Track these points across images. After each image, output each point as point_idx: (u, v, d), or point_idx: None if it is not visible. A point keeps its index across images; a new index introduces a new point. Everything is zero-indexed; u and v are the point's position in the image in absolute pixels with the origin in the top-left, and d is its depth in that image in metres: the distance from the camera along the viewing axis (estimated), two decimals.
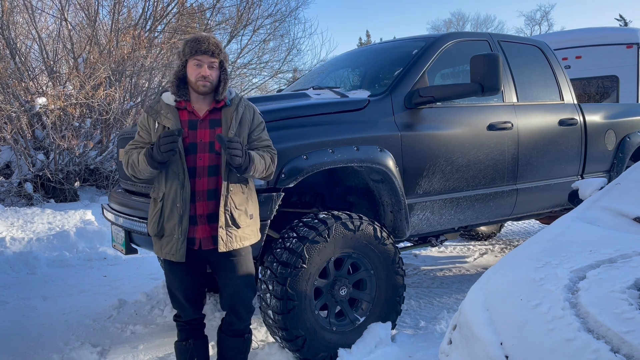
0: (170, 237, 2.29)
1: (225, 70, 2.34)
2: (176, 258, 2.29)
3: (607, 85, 7.39)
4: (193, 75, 2.27)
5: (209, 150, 2.30)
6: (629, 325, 1.30)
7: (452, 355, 1.68)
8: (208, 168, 2.30)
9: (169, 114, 2.30)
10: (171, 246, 2.29)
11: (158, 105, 2.36)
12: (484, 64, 3.15)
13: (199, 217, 2.31)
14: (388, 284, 3.08)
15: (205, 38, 2.28)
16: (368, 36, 48.04)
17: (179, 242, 2.27)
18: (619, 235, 1.95)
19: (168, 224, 2.29)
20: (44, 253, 5.45)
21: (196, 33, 2.33)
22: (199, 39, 2.27)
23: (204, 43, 2.25)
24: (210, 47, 2.26)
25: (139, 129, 2.41)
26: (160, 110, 2.33)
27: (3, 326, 3.65)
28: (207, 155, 2.30)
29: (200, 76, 2.25)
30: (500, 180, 3.76)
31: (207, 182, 2.30)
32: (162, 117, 2.31)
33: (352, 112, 3.15)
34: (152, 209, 2.37)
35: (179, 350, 2.53)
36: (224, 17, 12.97)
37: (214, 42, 2.29)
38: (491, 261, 5.43)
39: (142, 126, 2.38)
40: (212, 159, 2.30)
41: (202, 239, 2.32)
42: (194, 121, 2.32)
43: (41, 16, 9.72)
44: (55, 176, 8.08)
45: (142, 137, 2.38)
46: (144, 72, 9.60)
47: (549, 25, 41.83)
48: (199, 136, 2.30)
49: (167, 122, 2.29)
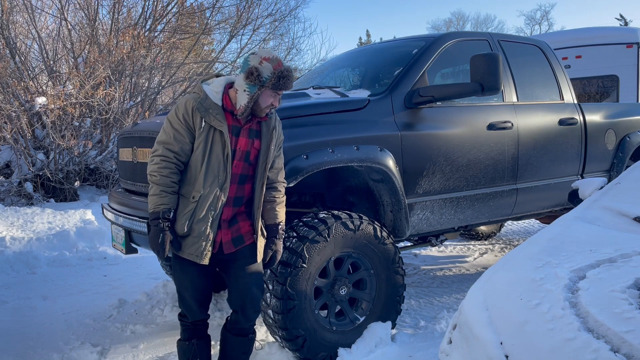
0: (196, 239, 2.26)
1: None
2: (199, 260, 2.27)
3: (607, 84, 7.39)
4: (265, 104, 2.22)
5: (244, 159, 2.30)
6: (628, 324, 1.30)
7: (452, 355, 1.68)
8: (240, 176, 2.31)
9: (219, 115, 2.22)
10: (196, 247, 2.26)
11: (207, 102, 2.23)
12: (484, 63, 3.15)
13: (223, 221, 2.32)
14: (388, 283, 3.08)
15: (291, 75, 2.20)
16: (368, 36, 48.06)
17: (206, 244, 2.26)
18: (619, 235, 1.95)
19: (198, 225, 2.26)
20: (44, 253, 5.45)
21: (286, 67, 2.16)
22: (287, 77, 2.17)
23: (289, 81, 2.19)
24: (291, 85, 2.23)
25: (177, 123, 2.23)
26: (209, 109, 2.22)
27: (3, 326, 3.65)
28: (242, 164, 2.30)
29: (271, 106, 2.23)
30: (500, 180, 3.76)
31: (237, 190, 2.32)
32: (211, 117, 2.21)
33: (352, 111, 3.15)
34: (182, 207, 2.29)
35: (181, 349, 2.52)
36: (223, 16, 12.95)
37: (294, 78, 2.27)
38: (491, 261, 5.43)
39: (184, 121, 2.22)
40: (244, 168, 2.31)
41: (223, 242, 2.33)
42: (237, 127, 2.28)
43: (41, 16, 9.72)
44: (55, 176, 8.08)
45: (182, 135, 2.23)
46: (143, 71, 9.60)
47: (549, 25, 41.87)
48: (239, 144, 2.28)
49: (217, 124, 2.21)
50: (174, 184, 2.26)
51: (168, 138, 2.25)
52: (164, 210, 2.22)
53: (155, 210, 2.23)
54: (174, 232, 2.27)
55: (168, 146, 2.25)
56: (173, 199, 2.26)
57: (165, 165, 2.24)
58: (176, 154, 2.25)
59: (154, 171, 2.25)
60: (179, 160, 2.26)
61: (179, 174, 2.28)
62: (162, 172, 2.23)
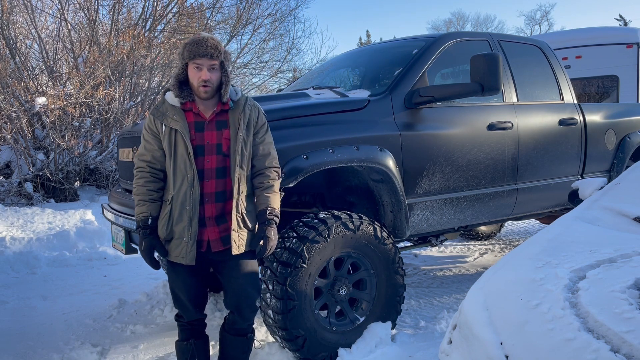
0: (179, 240, 2.27)
1: (226, 71, 2.29)
2: (186, 261, 2.27)
3: (607, 85, 7.39)
4: (194, 80, 2.25)
5: (216, 152, 2.29)
6: (629, 325, 1.30)
7: (452, 355, 1.68)
8: (216, 170, 2.29)
9: (176, 116, 2.27)
10: (181, 249, 2.27)
11: (163, 106, 2.32)
12: (484, 63, 3.15)
13: (208, 219, 2.30)
14: (388, 283, 3.08)
15: (203, 40, 2.21)
16: (368, 36, 48.08)
17: (189, 244, 2.26)
18: (619, 235, 1.94)
19: (177, 226, 2.27)
20: (44, 253, 5.45)
21: (195, 34, 2.21)
22: (197, 42, 2.20)
23: (202, 46, 2.19)
24: (209, 49, 2.20)
25: (145, 133, 2.34)
26: (166, 112, 2.29)
27: (3, 326, 3.65)
28: (215, 158, 2.29)
29: (200, 80, 2.22)
30: (500, 180, 3.76)
31: (216, 184, 2.30)
32: (169, 119, 2.27)
33: (352, 111, 3.15)
34: (161, 212, 2.33)
35: (179, 350, 2.53)
36: (223, 16, 12.96)
37: (213, 44, 2.22)
38: (491, 261, 5.43)
39: (149, 129, 2.32)
40: (219, 161, 2.29)
41: (211, 241, 2.32)
42: (200, 123, 2.30)
43: (41, 16, 9.72)
44: (55, 176, 8.08)
45: (151, 143, 2.32)
46: (143, 71, 9.60)
47: (549, 25, 41.87)
48: (206, 138, 2.28)
49: (175, 124, 2.26)
50: (152, 191, 2.32)
51: (141, 149, 2.38)
52: (142, 219, 2.30)
53: (136, 219, 2.32)
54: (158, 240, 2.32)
55: (141, 157, 2.36)
56: (152, 206, 2.32)
57: (141, 175, 2.34)
58: (149, 163, 2.33)
59: (133, 184, 2.37)
60: (153, 168, 2.34)
61: (157, 182, 2.34)
62: (138, 182, 2.34)
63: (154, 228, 2.30)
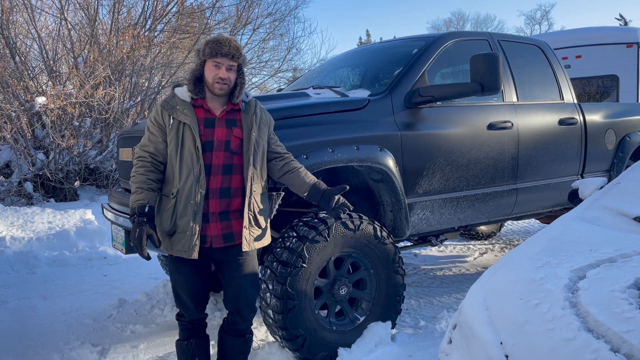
0: (182, 234, 2.28)
1: (242, 74, 2.36)
2: (188, 255, 2.27)
3: (607, 84, 7.39)
4: (210, 76, 2.28)
5: (224, 149, 2.32)
6: (628, 324, 1.30)
7: (452, 355, 1.68)
8: (222, 166, 2.32)
9: (186, 110, 2.30)
10: (183, 243, 2.28)
11: (173, 100, 2.34)
12: (484, 63, 3.15)
13: (211, 214, 2.32)
14: (388, 283, 3.08)
15: (227, 40, 2.27)
16: (368, 36, 48.04)
17: (193, 239, 2.27)
18: (619, 235, 1.94)
19: (181, 220, 2.28)
20: (44, 252, 5.45)
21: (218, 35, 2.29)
22: (220, 41, 2.26)
23: (225, 45, 2.25)
24: (232, 50, 2.26)
25: (150, 125, 2.34)
26: (177, 106, 2.31)
27: (3, 326, 3.65)
28: (223, 154, 2.32)
29: (217, 78, 2.26)
30: (500, 180, 3.76)
31: (222, 180, 2.32)
32: (178, 113, 2.29)
33: (352, 111, 3.15)
34: (164, 205, 2.34)
35: (180, 349, 2.53)
36: (223, 16, 12.97)
37: (235, 45, 2.29)
38: (491, 260, 5.43)
39: (155, 121, 2.33)
40: (227, 158, 2.32)
41: (213, 236, 2.33)
42: (210, 119, 2.33)
43: (41, 15, 9.72)
44: (55, 175, 8.08)
45: (155, 135, 2.33)
46: (143, 71, 9.60)
47: (549, 25, 41.84)
48: (215, 134, 2.31)
49: (184, 117, 2.28)
50: (151, 181, 2.31)
51: (144, 141, 2.38)
52: (139, 206, 2.27)
53: (132, 206, 2.29)
54: (155, 230, 2.29)
55: (144, 148, 2.36)
56: (150, 195, 2.30)
57: (141, 164, 2.33)
58: (151, 154, 2.34)
59: (132, 172, 2.36)
60: (155, 160, 2.34)
61: (156, 173, 2.34)
62: (138, 170, 2.33)
63: (150, 216, 2.28)
